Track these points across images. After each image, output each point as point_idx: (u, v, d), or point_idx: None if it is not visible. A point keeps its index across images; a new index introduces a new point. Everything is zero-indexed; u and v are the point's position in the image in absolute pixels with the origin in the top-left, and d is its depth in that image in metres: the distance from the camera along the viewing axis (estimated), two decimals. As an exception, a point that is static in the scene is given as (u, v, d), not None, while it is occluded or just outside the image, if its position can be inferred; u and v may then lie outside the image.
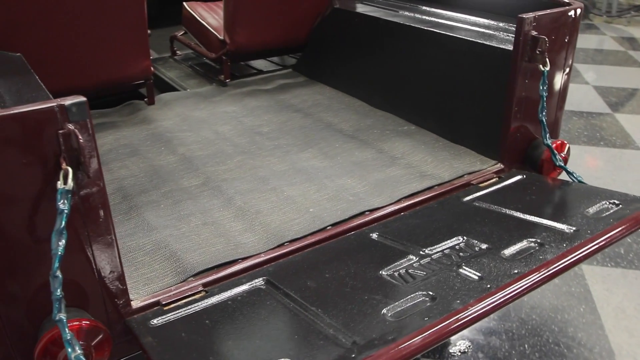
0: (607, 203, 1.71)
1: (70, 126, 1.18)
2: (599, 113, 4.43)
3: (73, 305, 1.33)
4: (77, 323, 1.26)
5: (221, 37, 2.94)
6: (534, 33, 1.91)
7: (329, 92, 2.88)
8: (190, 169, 2.11)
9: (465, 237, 1.59)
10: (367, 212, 1.83)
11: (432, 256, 1.51)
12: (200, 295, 1.46)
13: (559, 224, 1.61)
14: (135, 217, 1.81)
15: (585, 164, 3.67)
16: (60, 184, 1.16)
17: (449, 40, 2.25)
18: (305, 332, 1.25)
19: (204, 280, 1.52)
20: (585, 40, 6.38)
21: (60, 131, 1.17)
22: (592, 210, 1.68)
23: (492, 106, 2.10)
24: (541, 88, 1.95)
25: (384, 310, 1.28)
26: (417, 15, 2.54)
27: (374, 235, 1.67)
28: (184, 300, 1.44)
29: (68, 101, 1.17)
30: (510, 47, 1.97)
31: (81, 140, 1.16)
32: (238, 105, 2.74)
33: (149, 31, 3.45)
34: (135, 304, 1.43)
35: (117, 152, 2.24)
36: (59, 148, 1.17)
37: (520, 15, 1.89)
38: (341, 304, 1.33)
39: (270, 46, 3.04)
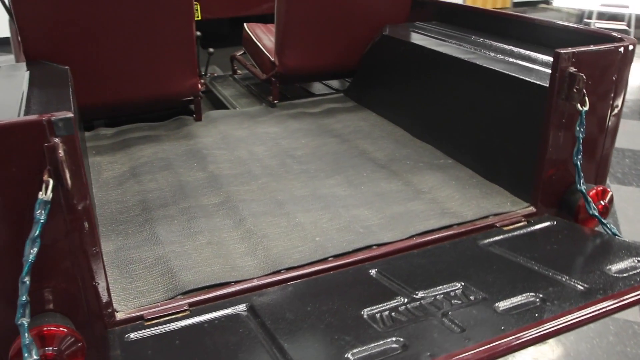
0: (636, 261, 1.53)
1: (56, 140, 1.23)
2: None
3: (59, 311, 1.38)
4: (53, 329, 1.31)
5: (272, 59, 2.99)
6: (572, 70, 1.77)
7: (374, 119, 2.84)
8: (214, 187, 2.14)
9: (464, 284, 1.49)
10: (374, 247, 1.77)
11: (422, 300, 1.43)
12: (183, 314, 1.47)
13: (572, 279, 1.47)
14: (148, 229, 1.86)
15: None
16: (41, 195, 1.21)
17: (487, 73, 2.14)
18: None
19: (191, 300, 1.52)
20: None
21: (46, 144, 1.22)
22: (615, 267, 1.51)
23: (528, 145, 1.97)
24: (577, 129, 1.81)
25: (349, 354, 1.22)
26: (466, 46, 2.45)
27: (373, 272, 1.61)
28: (165, 318, 1.46)
29: (55, 116, 1.22)
30: (547, 84, 1.85)
31: (60, 154, 1.21)
32: (280, 127, 2.76)
33: (211, 49, 3.60)
34: (120, 316, 1.46)
35: (151, 165, 2.33)
36: (44, 160, 1.23)
37: (557, 50, 1.77)
38: (310, 341, 1.28)
39: (320, 70, 3.05)
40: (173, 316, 1.46)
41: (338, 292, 1.51)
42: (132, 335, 1.38)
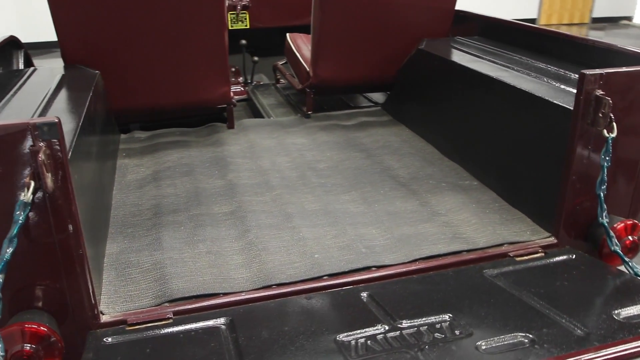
0: (651, 307, 1.39)
1: (41, 144, 1.26)
2: None
3: (47, 309, 1.41)
4: (34, 327, 1.34)
5: (308, 70, 2.98)
6: (599, 93, 1.64)
7: (406, 135, 2.76)
8: (229, 195, 2.15)
9: (453, 316, 1.40)
10: (373, 268, 1.70)
11: (404, 330, 1.35)
12: (164, 322, 1.47)
13: (572, 321, 1.35)
14: (154, 234, 1.88)
15: None
16: (22, 196, 1.24)
17: (513, 92, 2.03)
18: None
19: (176, 308, 1.52)
20: None
21: (31, 147, 1.26)
22: (625, 312, 1.38)
23: (552, 171, 1.84)
24: (602, 157, 1.67)
25: (308, 381, 1.17)
26: (502, 63, 2.33)
27: (364, 295, 1.54)
28: (147, 325, 1.46)
29: (41, 121, 1.26)
30: (572, 107, 1.72)
31: (40, 158, 1.23)
32: (308, 138, 2.74)
33: (256, 58, 3.65)
34: (105, 318, 1.48)
35: (173, 170, 2.37)
36: (28, 163, 1.26)
37: (583, 71, 1.64)
38: (275, 362, 1.25)
39: (355, 82, 3.01)
40: (155, 323, 1.47)
41: (321, 313, 1.46)
42: (110, 339, 1.39)
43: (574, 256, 1.73)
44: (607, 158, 1.67)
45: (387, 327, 1.37)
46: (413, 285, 1.60)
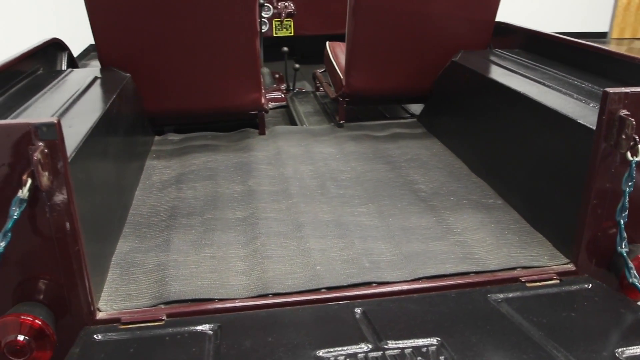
0: (661, 348, 1.27)
1: (40, 144, 1.31)
2: None
3: (46, 303, 1.46)
4: (29, 319, 1.39)
5: (342, 78, 2.96)
6: (623, 113, 1.53)
7: (437, 148, 2.69)
8: (245, 201, 2.16)
9: (442, 341, 1.34)
10: (374, 284, 1.66)
11: (387, 352, 1.31)
12: (157, 323, 1.49)
13: (569, 356, 1.26)
14: (165, 236, 1.92)
15: None
16: (19, 193, 1.30)
17: (538, 108, 1.93)
18: None
19: (170, 311, 1.54)
20: None
21: (30, 147, 1.31)
22: (630, 352, 1.27)
23: (575, 193, 1.73)
24: (624, 181, 1.56)
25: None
26: (535, 79, 2.23)
27: (358, 311, 1.51)
28: (139, 325, 1.48)
29: (40, 122, 1.30)
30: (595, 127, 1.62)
31: (36, 157, 1.28)
32: (336, 148, 2.72)
33: (297, 65, 3.67)
34: (101, 315, 1.52)
35: (197, 174, 2.41)
36: (27, 162, 1.31)
37: (606, 90, 1.54)
38: (248, 374, 1.23)
39: (388, 92, 2.96)
40: (147, 324, 1.49)
41: (309, 326, 1.44)
42: (100, 336, 1.42)
43: (590, 286, 1.62)
44: (630, 183, 1.55)
45: (370, 347, 1.33)
46: (410, 305, 1.54)
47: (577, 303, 1.53)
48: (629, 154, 1.55)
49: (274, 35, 3.95)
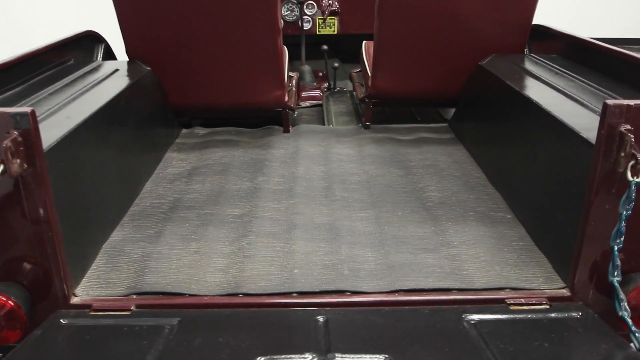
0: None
1: (14, 132, 1.37)
2: None
3: (24, 285, 1.53)
4: (3, 299, 1.46)
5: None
6: (624, 128, 1.39)
7: (459, 156, 2.57)
8: (247, 198, 2.16)
9: (389, 359, 1.27)
10: (347, 293, 1.61)
11: (329, 364, 1.26)
12: (124, 313, 1.52)
13: (519, 390, 1.16)
14: (159, 227, 1.95)
15: None
16: None
17: (546, 117, 1.80)
18: None
19: (141, 302, 1.57)
20: None
21: (5, 134, 1.37)
22: (592, 392, 1.15)
23: (577, 213, 1.60)
24: (622, 204, 1.42)
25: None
26: (558, 86, 2.08)
27: (320, 319, 1.46)
28: (107, 312, 1.52)
29: (14, 111, 1.36)
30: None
31: (6, 145, 1.33)
32: (355, 150, 2.67)
33: (336, 64, 3.63)
34: (75, 300, 1.57)
35: (209, 168, 2.44)
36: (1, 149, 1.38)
37: (606, 102, 1.41)
38: (183, 372, 1.23)
39: (414, 95, 2.86)
40: (115, 312, 1.52)
41: (264, 330, 1.41)
42: (66, 320, 1.47)
43: (579, 315, 1.49)
44: (628, 206, 1.41)
45: (314, 358, 1.28)
46: (377, 318, 1.48)
47: (556, 332, 1.41)
48: (629, 174, 1.41)
49: (317, 33, 3.93)
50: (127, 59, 2.61)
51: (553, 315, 1.50)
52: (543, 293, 1.60)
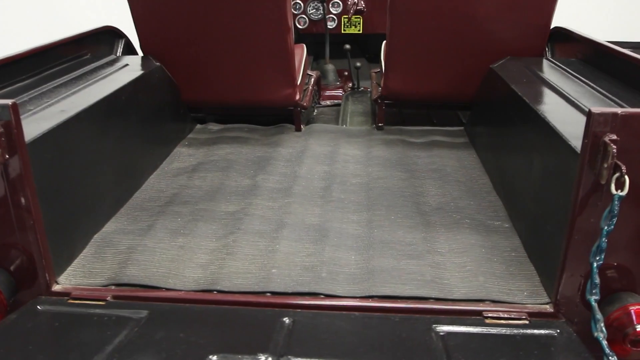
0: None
1: None
2: None
3: (9, 270, 1.58)
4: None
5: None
6: (608, 137, 1.32)
7: (469, 161, 2.50)
8: (243, 196, 2.17)
9: None
10: (321, 296, 1.59)
11: (278, 367, 1.25)
12: (99, 303, 1.55)
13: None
14: (152, 220, 1.99)
15: None
16: None
17: (541, 124, 1.72)
18: None
19: (117, 293, 1.60)
20: None
21: None
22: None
23: (564, 226, 1.52)
24: (603, 218, 1.34)
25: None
26: (568, 93, 1.98)
27: (286, 321, 1.45)
28: (84, 301, 1.56)
29: None
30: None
31: None
32: (363, 151, 2.64)
33: (358, 63, 3.60)
34: (57, 288, 1.62)
35: (214, 165, 2.46)
36: None
37: (591, 109, 1.33)
38: (134, 365, 1.25)
39: (425, 97, 2.80)
40: (91, 302, 1.56)
41: (224, 329, 1.42)
42: (42, 307, 1.52)
43: (556, 332, 1.42)
44: (609, 221, 1.33)
45: (267, 359, 1.28)
46: (343, 323, 1.46)
47: (526, 350, 1.34)
48: (612, 187, 1.33)
49: (342, 32, 3.91)
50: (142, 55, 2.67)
51: (529, 331, 1.43)
52: (524, 307, 1.53)
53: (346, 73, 4.06)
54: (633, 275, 1.48)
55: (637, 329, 1.38)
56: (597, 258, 1.34)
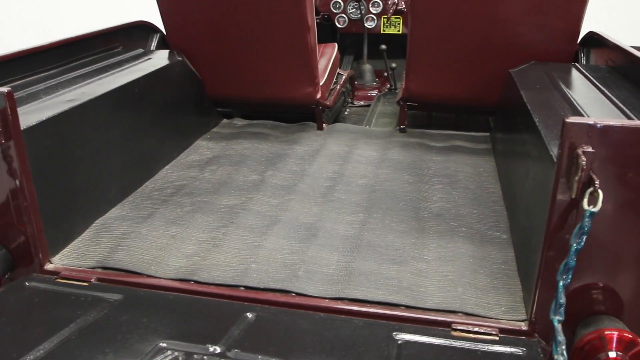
0: None
1: None
2: None
3: (8, 248, 1.69)
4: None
5: (410, 82, 2.81)
6: (582, 149, 1.24)
7: (485, 168, 2.42)
8: (246, 190, 2.21)
9: None
10: (292, 294, 1.60)
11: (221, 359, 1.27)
12: (82, 284, 1.64)
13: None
14: (154, 210, 2.06)
15: None
16: None
17: (534, 130, 1.64)
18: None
19: (102, 276, 1.68)
20: None
21: None
22: None
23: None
24: (573, 235, 1.26)
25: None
26: (583, 104, 1.88)
27: (248, 315, 1.47)
28: (70, 282, 1.65)
29: None
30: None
31: None
32: (379, 153, 2.61)
33: (393, 64, 3.56)
34: (49, 267, 1.72)
35: (228, 159, 2.52)
36: None
37: (566, 119, 1.26)
38: (86, 344, 1.31)
39: (448, 100, 2.72)
40: (77, 282, 1.64)
41: (189, 318, 1.45)
42: (30, 283, 1.61)
43: (522, 351, 1.35)
44: (579, 239, 1.25)
45: (215, 351, 1.30)
46: (304, 323, 1.46)
47: (480, 367, 1.29)
48: (585, 202, 1.25)
49: (382, 32, 3.87)
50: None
51: (494, 348, 1.37)
52: (497, 322, 1.47)
53: (385, 74, 4.02)
54: (620, 299, 1.39)
55: (610, 355, 1.30)
56: (564, 277, 1.27)
